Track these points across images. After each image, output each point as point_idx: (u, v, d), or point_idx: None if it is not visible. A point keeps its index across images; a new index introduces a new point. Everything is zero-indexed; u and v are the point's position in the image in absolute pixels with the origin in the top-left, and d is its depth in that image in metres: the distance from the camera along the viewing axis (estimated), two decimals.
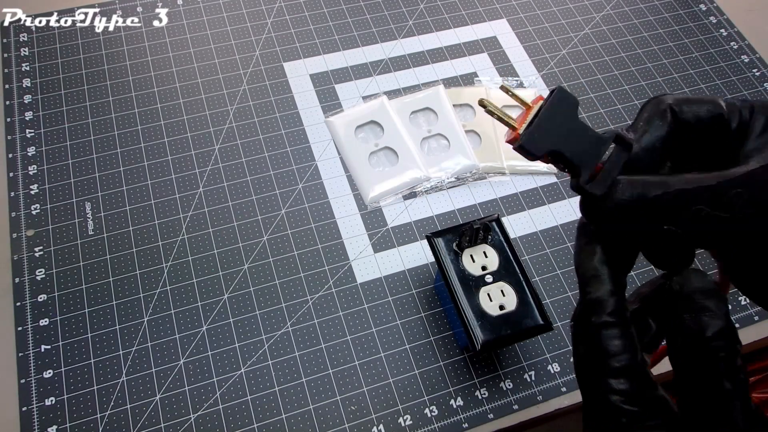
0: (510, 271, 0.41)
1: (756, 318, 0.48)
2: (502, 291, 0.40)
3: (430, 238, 0.42)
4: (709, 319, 0.20)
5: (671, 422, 0.20)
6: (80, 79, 0.55)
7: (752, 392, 0.84)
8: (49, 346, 0.43)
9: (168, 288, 0.45)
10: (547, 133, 0.21)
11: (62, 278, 0.45)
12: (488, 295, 0.40)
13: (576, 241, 0.23)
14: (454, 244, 0.42)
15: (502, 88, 0.24)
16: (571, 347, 0.45)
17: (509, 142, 0.22)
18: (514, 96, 0.24)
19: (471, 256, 0.42)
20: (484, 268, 0.41)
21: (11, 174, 0.49)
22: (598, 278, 0.22)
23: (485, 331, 0.39)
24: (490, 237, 0.42)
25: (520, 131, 0.21)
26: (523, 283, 0.41)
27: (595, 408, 0.21)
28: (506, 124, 0.22)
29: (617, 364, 0.20)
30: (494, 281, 0.41)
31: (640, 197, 0.20)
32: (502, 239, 0.43)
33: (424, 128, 0.54)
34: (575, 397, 0.44)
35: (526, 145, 0.21)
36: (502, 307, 0.40)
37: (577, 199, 0.22)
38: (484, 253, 0.42)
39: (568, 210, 0.51)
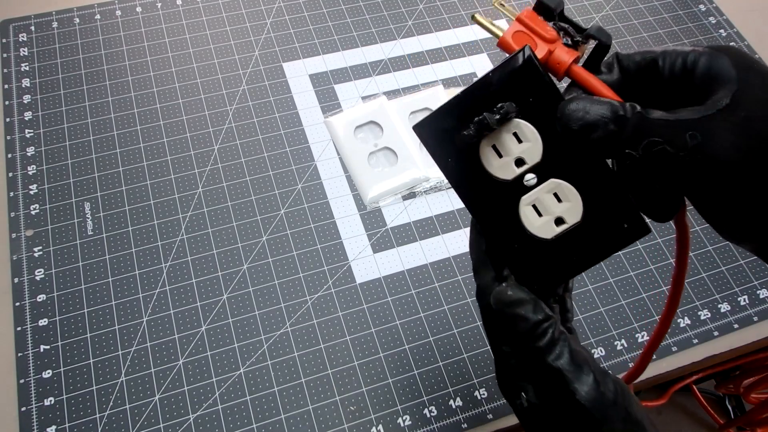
0: (565, 155, 0.25)
1: (755, 318, 0.48)
2: (556, 195, 0.25)
3: (419, 130, 0.26)
4: (525, 325, 0.25)
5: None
6: (79, 80, 0.55)
7: (752, 392, 0.84)
8: (48, 346, 0.43)
9: (167, 288, 0.45)
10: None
11: (61, 278, 0.45)
12: (534, 207, 0.26)
13: (470, 234, 0.29)
14: (466, 132, 0.25)
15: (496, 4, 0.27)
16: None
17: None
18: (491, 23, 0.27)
19: (494, 147, 0.25)
20: (519, 162, 0.25)
21: (10, 174, 0.49)
22: (485, 266, 0.27)
23: (538, 272, 0.26)
24: (517, 107, 0.25)
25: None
26: (590, 170, 0.25)
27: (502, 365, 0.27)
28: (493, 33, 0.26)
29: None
30: (540, 181, 0.25)
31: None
32: (542, 93, 0.25)
33: None
34: None
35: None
36: (560, 222, 0.25)
37: None
38: (516, 136, 0.25)
39: None
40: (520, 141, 0.25)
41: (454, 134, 0.25)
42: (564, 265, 0.26)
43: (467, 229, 0.50)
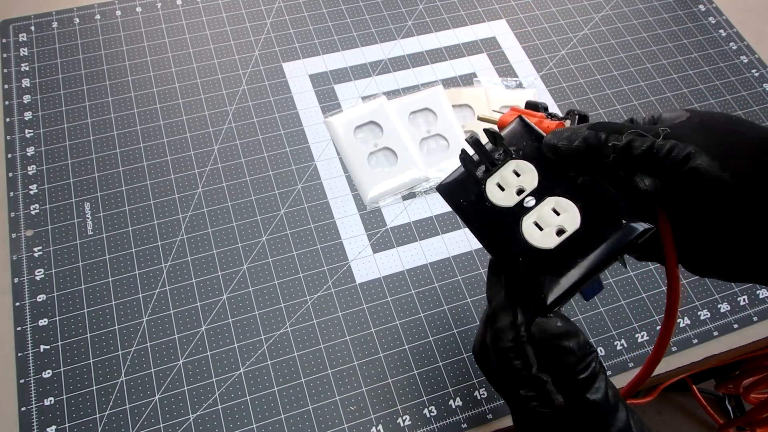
0: (557, 177, 0.29)
1: (755, 318, 0.48)
2: (554, 210, 0.28)
3: (443, 191, 0.32)
4: (572, 358, 0.26)
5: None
6: (79, 80, 0.55)
7: (752, 392, 0.84)
8: (48, 346, 0.43)
9: (167, 288, 0.45)
10: None
11: (61, 278, 0.45)
12: (535, 224, 0.28)
13: (487, 279, 0.30)
14: (472, 181, 0.31)
15: (483, 130, 0.33)
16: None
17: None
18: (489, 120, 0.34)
19: (498, 185, 0.30)
20: (520, 191, 0.30)
21: (10, 174, 0.49)
22: (505, 310, 0.27)
23: (547, 275, 0.27)
24: (514, 149, 0.30)
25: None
26: (583, 184, 0.28)
27: (519, 411, 0.27)
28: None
29: (520, 376, 0.26)
30: (539, 202, 0.29)
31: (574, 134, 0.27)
32: (533, 140, 0.30)
33: (424, 129, 0.54)
34: None
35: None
36: (560, 232, 0.28)
37: None
38: (515, 172, 0.30)
39: None
40: (518, 175, 0.30)
41: (467, 183, 0.31)
42: (570, 272, 0.26)
43: (467, 230, 0.50)
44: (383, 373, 0.43)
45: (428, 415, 0.42)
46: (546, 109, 0.33)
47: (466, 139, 0.31)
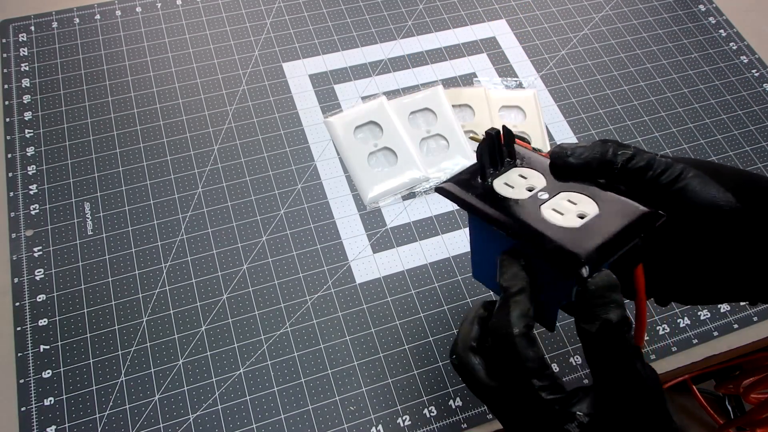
0: (563, 183, 0.30)
1: (755, 318, 0.48)
2: (569, 200, 0.29)
3: (441, 189, 0.32)
4: (616, 309, 0.26)
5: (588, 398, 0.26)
6: (79, 80, 0.55)
7: (751, 392, 0.84)
8: (48, 346, 0.43)
9: (167, 288, 0.45)
10: None
11: (61, 278, 0.45)
12: (554, 210, 0.29)
13: (503, 268, 0.29)
14: (476, 180, 0.31)
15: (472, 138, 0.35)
16: (567, 347, 0.45)
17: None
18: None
19: (506, 183, 0.31)
20: (530, 189, 0.30)
21: (10, 174, 0.49)
22: (526, 296, 0.27)
23: (579, 245, 0.26)
24: (518, 158, 0.31)
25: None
26: (592, 186, 0.29)
27: (527, 410, 0.27)
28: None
29: (534, 365, 0.26)
30: (552, 197, 0.29)
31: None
32: (532, 151, 0.31)
33: (423, 129, 0.54)
34: None
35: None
36: (581, 216, 0.28)
37: None
38: (520, 176, 0.31)
39: None
40: (524, 177, 0.31)
41: (473, 180, 0.31)
42: (600, 238, 0.27)
43: (467, 230, 0.50)
44: (383, 373, 0.43)
45: (428, 415, 0.42)
46: (529, 142, 0.35)
47: (487, 131, 0.30)
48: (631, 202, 0.28)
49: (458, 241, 0.49)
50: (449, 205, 0.51)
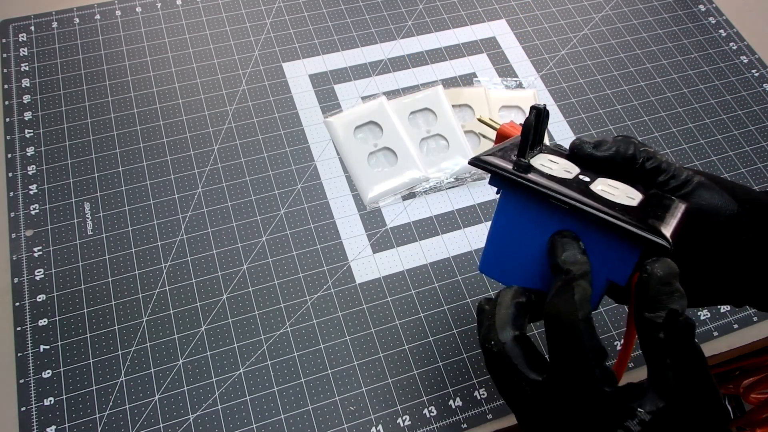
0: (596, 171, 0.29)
1: (755, 319, 0.48)
2: (610, 185, 0.28)
3: (480, 161, 0.29)
4: (681, 299, 0.25)
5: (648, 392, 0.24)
6: (79, 80, 0.55)
7: (751, 393, 0.84)
8: (47, 346, 0.43)
9: (167, 288, 0.45)
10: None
11: (61, 278, 0.45)
12: (603, 190, 0.27)
13: (559, 248, 0.27)
14: (511, 157, 0.29)
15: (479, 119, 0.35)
16: None
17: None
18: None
19: (543, 164, 0.29)
20: (567, 171, 0.29)
21: (10, 174, 0.49)
22: (587, 280, 0.26)
23: (651, 220, 0.25)
24: (538, 147, 0.30)
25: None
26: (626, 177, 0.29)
27: (582, 404, 0.24)
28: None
29: (596, 356, 0.24)
30: (593, 180, 0.28)
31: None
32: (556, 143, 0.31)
33: (423, 129, 0.54)
34: None
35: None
36: (631, 198, 0.27)
37: None
38: (551, 160, 0.29)
39: None
40: (556, 162, 0.29)
41: (512, 156, 0.29)
42: (668, 216, 0.26)
43: (467, 229, 0.50)
44: (383, 373, 0.43)
45: (428, 415, 0.42)
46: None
47: (534, 106, 0.28)
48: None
49: (458, 241, 0.49)
50: (449, 205, 0.51)
